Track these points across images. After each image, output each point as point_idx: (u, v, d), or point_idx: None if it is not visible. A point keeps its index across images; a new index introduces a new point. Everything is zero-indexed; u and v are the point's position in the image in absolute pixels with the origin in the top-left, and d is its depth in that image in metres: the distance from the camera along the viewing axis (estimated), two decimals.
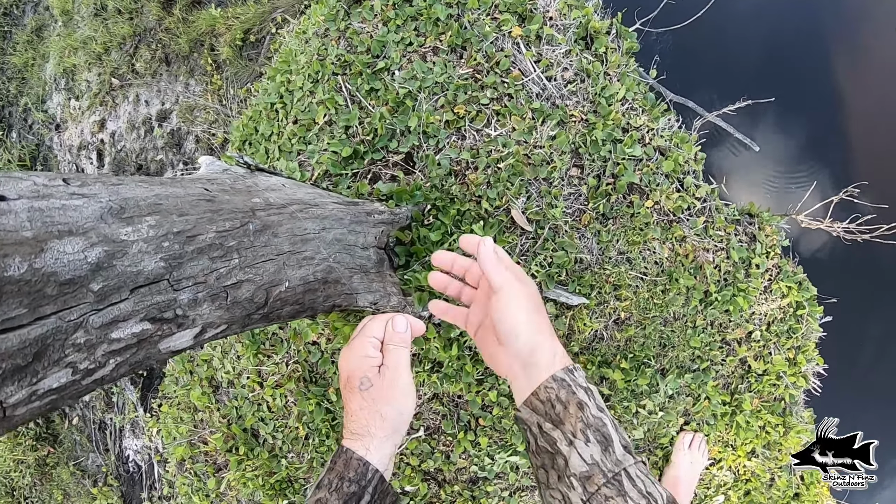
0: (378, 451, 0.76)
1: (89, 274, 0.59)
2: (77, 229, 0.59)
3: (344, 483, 0.74)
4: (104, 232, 0.61)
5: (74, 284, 0.58)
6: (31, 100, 2.71)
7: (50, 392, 0.60)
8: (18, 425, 0.59)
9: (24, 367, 0.55)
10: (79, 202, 0.61)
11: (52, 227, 0.56)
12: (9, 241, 0.52)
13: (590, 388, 0.71)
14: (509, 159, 1.47)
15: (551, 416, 0.68)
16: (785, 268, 1.67)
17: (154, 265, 0.65)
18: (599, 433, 0.66)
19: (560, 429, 0.67)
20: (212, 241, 0.74)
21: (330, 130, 1.57)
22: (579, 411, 0.67)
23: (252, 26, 2.22)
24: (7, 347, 0.52)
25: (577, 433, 0.66)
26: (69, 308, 0.58)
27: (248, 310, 0.84)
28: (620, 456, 0.65)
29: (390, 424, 0.78)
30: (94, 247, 0.59)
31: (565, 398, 0.68)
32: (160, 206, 0.69)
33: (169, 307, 0.69)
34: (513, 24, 1.55)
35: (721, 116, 1.70)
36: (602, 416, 0.68)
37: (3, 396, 0.54)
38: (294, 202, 1.01)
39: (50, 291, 0.55)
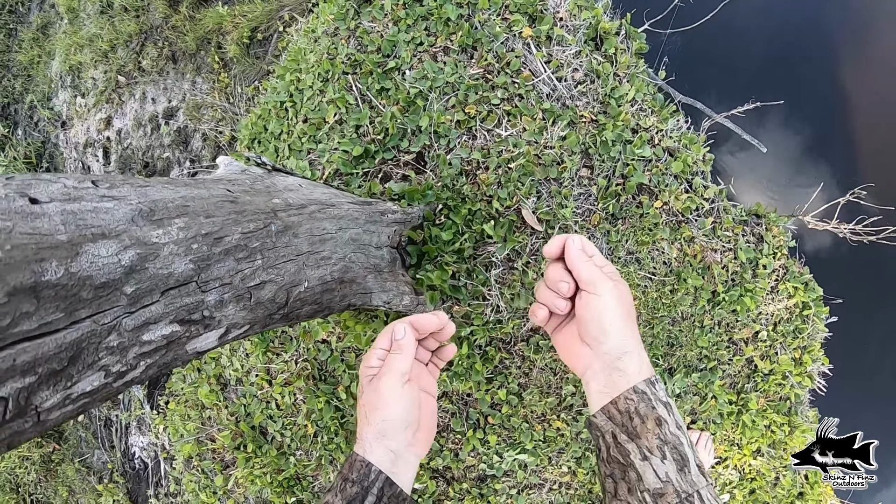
0: (373, 454, 0.75)
1: (123, 277, 0.59)
2: (110, 232, 0.59)
3: (347, 484, 0.74)
4: (136, 234, 0.61)
5: (109, 288, 0.58)
6: (37, 97, 2.70)
7: (83, 395, 0.60)
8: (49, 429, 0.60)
9: (60, 372, 0.55)
10: (109, 205, 0.62)
11: (86, 231, 0.57)
12: (45, 245, 0.52)
13: (669, 404, 0.69)
14: (520, 159, 1.47)
15: (628, 429, 0.67)
16: (791, 268, 1.68)
17: (184, 267, 0.66)
18: (676, 451, 0.65)
19: (636, 442, 0.66)
20: (237, 242, 0.75)
21: (340, 129, 1.57)
22: (657, 427, 0.66)
23: (259, 24, 2.22)
24: (44, 352, 0.52)
25: (654, 449, 0.65)
26: (103, 311, 0.58)
27: (270, 310, 0.85)
28: (695, 477, 0.63)
29: (375, 428, 0.76)
30: (127, 250, 0.60)
31: (644, 412, 0.67)
32: (188, 207, 0.70)
33: (197, 309, 0.69)
34: (523, 24, 1.55)
35: (729, 118, 1.70)
36: (680, 435, 0.66)
37: (39, 401, 0.54)
38: (312, 202, 1.02)
39: (85, 295, 0.56)
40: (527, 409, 1.59)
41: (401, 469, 0.77)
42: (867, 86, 1.81)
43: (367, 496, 0.73)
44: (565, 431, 1.61)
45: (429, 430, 0.83)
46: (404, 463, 0.78)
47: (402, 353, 0.79)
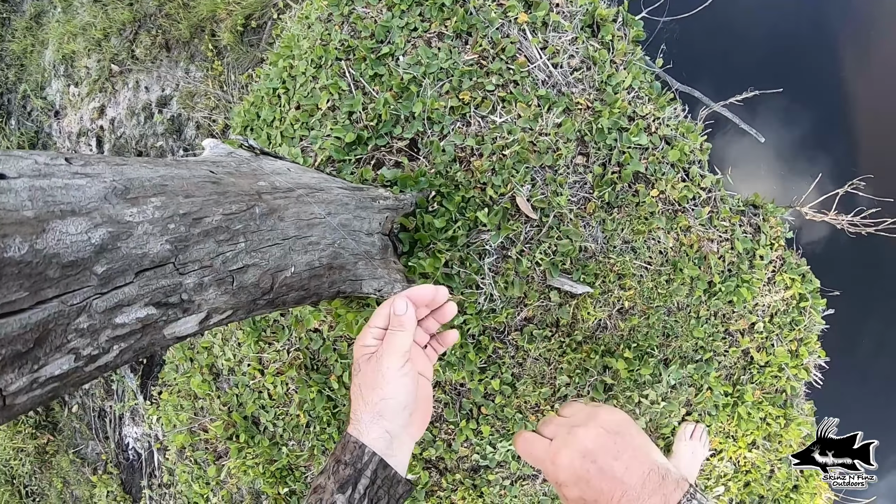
0: (367, 435, 0.73)
1: (93, 256, 0.57)
2: (80, 209, 0.57)
3: (340, 466, 0.72)
4: (108, 212, 0.60)
5: (77, 267, 0.56)
6: (30, 86, 2.68)
7: (52, 379, 0.58)
8: (19, 414, 0.58)
9: (25, 354, 0.53)
10: (82, 181, 0.60)
11: (55, 207, 0.55)
12: (8, 221, 0.50)
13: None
14: (514, 146, 1.45)
15: None
16: (789, 260, 1.66)
17: (160, 248, 0.64)
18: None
19: None
20: (218, 223, 0.73)
21: (333, 116, 1.55)
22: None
23: (253, 11, 2.20)
24: (7, 333, 0.50)
25: None
26: (72, 291, 0.56)
27: (254, 295, 0.83)
28: None
29: (373, 409, 0.74)
30: (97, 228, 0.58)
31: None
32: (166, 187, 0.68)
33: (174, 291, 0.67)
34: (519, 10, 1.53)
35: (727, 107, 1.68)
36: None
37: (3, 384, 0.52)
38: (300, 186, 1.00)
39: (52, 274, 0.54)
40: (520, 399, 1.58)
41: (396, 451, 0.75)
42: (867, 76, 1.79)
43: (360, 478, 0.71)
44: None
45: (424, 414, 0.81)
46: (400, 444, 0.76)
47: (403, 330, 0.76)
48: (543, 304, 1.51)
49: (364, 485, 0.71)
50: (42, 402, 0.61)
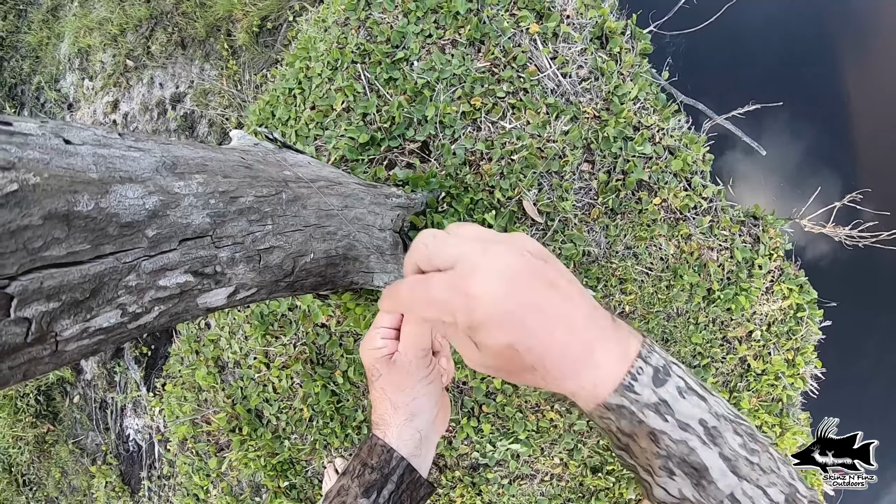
0: (397, 438, 0.71)
1: (146, 220, 0.62)
2: (136, 177, 0.62)
3: (366, 470, 0.71)
4: (160, 183, 0.64)
5: (132, 228, 0.60)
6: (45, 79, 2.72)
7: (100, 331, 0.62)
8: (66, 363, 0.62)
9: (81, 302, 0.57)
10: (136, 154, 0.64)
11: (115, 173, 0.59)
12: (78, 180, 0.54)
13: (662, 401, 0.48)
14: (523, 152, 1.50)
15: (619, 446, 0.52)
16: (787, 270, 1.71)
17: (201, 220, 0.68)
18: (686, 464, 0.48)
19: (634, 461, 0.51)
20: (251, 204, 0.77)
21: (347, 117, 1.60)
22: (653, 444, 0.48)
23: (269, 13, 2.25)
24: (69, 280, 0.55)
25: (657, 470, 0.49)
26: (126, 251, 0.60)
27: (277, 276, 0.87)
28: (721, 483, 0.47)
29: (404, 411, 0.71)
30: (151, 195, 0.62)
31: (630, 430, 0.49)
32: (207, 166, 0.72)
33: (210, 263, 0.71)
34: (531, 20, 1.58)
35: (730, 119, 1.73)
36: (687, 438, 0.48)
37: (59, 329, 0.56)
38: (320, 178, 1.04)
39: (111, 231, 0.58)
40: (521, 398, 1.61)
41: (424, 450, 0.73)
42: (867, 91, 1.84)
43: (386, 483, 0.70)
44: (558, 423, 1.63)
45: (446, 408, 0.79)
46: (427, 444, 0.74)
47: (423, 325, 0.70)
48: None
49: (389, 490, 0.70)
50: (87, 354, 0.65)
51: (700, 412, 0.49)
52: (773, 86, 1.79)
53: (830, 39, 1.87)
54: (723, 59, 1.87)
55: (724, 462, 0.47)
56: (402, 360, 0.71)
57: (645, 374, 0.48)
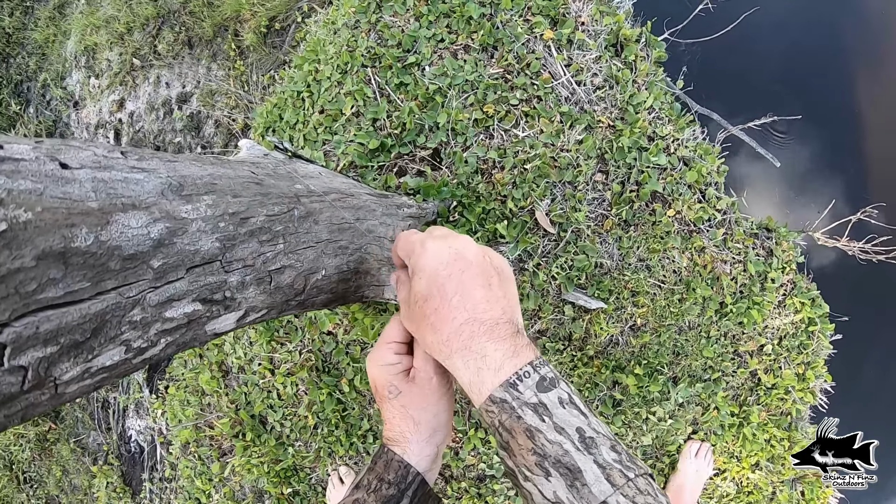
0: (417, 455, 0.71)
1: (151, 250, 0.59)
2: (140, 203, 0.59)
3: (383, 485, 0.71)
4: (166, 208, 0.61)
5: (136, 260, 0.57)
6: (51, 76, 2.70)
7: (102, 370, 0.59)
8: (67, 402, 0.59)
9: (82, 343, 0.54)
10: (140, 176, 0.61)
11: (117, 200, 0.56)
12: (76, 211, 0.51)
13: (542, 403, 0.54)
14: (536, 161, 1.47)
15: (501, 444, 0.57)
16: (799, 283, 1.68)
17: (210, 245, 0.66)
18: (560, 464, 0.51)
19: (513, 460, 0.55)
20: (261, 224, 0.74)
21: (357, 122, 1.57)
22: (530, 441, 0.53)
23: (278, 14, 2.22)
24: (67, 322, 0.52)
25: (532, 467, 0.53)
26: (129, 284, 0.57)
27: (288, 296, 0.85)
28: (595, 488, 0.50)
29: (426, 428, 0.71)
30: (156, 222, 0.59)
31: (510, 425, 0.54)
32: (216, 185, 0.69)
33: (219, 289, 0.69)
34: (545, 26, 1.55)
35: (745, 130, 1.71)
36: (562, 441, 0.52)
37: (58, 373, 0.53)
38: (332, 191, 1.02)
39: (113, 266, 0.55)
40: None
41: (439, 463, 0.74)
42: (882, 104, 1.81)
43: (402, 498, 0.70)
44: None
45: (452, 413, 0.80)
46: (441, 456, 0.75)
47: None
48: (557, 317, 1.53)
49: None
50: (89, 392, 0.63)
51: (578, 422, 0.54)
52: (788, 96, 1.76)
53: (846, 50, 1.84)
54: (738, 69, 1.83)
55: (598, 468, 0.51)
56: (424, 378, 0.70)
57: (530, 379, 0.55)
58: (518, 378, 0.55)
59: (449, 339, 0.59)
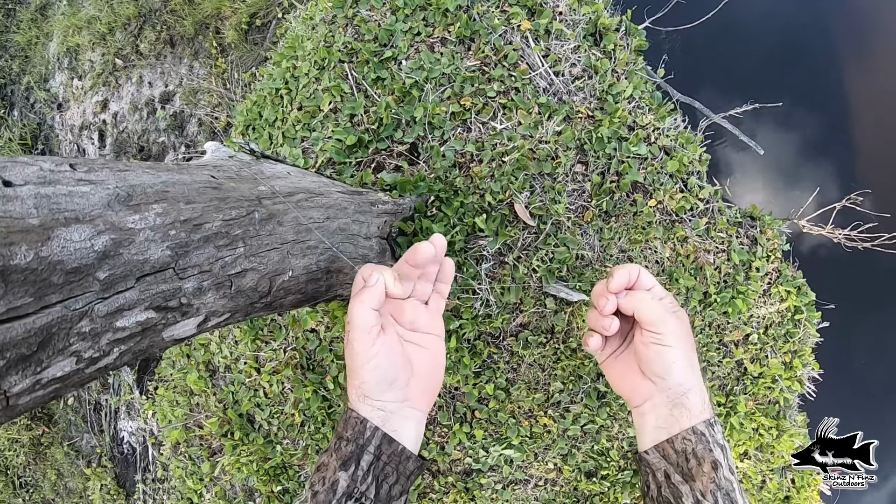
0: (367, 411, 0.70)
1: (96, 262, 0.58)
2: (84, 217, 0.58)
3: (341, 443, 0.69)
4: (111, 220, 0.60)
5: (81, 273, 0.57)
6: (34, 78, 2.68)
7: (54, 381, 0.59)
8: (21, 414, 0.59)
9: (29, 357, 0.54)
10: (86, 188, 0.61)
11: (59, 215, 0.56)
12: (15, 229, 0.51)
13: (725, 447, 0.68)
14: (514, 153, 1.46)
15: (683, 470, 0.66)
16: (785, 272, 1.67)
17: (160, 253, 0.65)
18: (728, 498, 0.64)
19: (689, 484, 0.65)
20: (218, 229, 0.74)
21: (335, 118, 1.56)
22: (713, 471, 0.65)
23: (258, 10, 2.20)
24: (12, 337, 0.51)
25: (707, 494, 0.64)
26: (75, 297, 0.57)
27: (252, 299, 0.84)
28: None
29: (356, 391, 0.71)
30: (100, 235, 0.59)
31: (701, 454, 0.66)
32: (167, 193, 0.69)
33: (174, 296, 0.68)
34: (522, 17, 1.54)
35: (727, 118, 1.69)
36: (732, 480, 0.66)
37: (7, 386, 0.53)
38: (300, 191, 1.01)
39: (56, 280, 0.55)
40: (514, 404, 1.59)
41: (398, 426, 0.71)
42: (868, 90, 1.80)
43: (363, 454, 0.68)
44: (552, 428, 1.60)
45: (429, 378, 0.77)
46: (401, 419, 0.72)
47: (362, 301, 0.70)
48: (539, 310, 1.52)
49: (367, 461, 0.68)
50: (43, 402, 0.62)
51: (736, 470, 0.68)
52: (772, 83, 1.74)
53: (830, 36, 1.82)
54: (720, 56, 1.82)
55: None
56: (347, 343, 0.71)
57: (719, 426, 0.71)
58: (714, 421, 0.70)
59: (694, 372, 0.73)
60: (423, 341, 0.78)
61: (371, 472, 0.68)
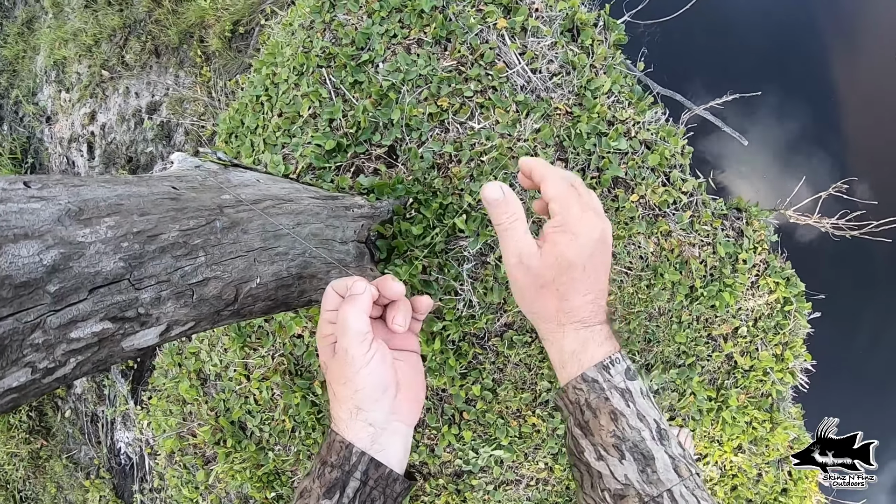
0: (350, 432, 0.66)
1: (45, 276, 0.59)
2: (33, 232, 0.59)
3: (326, 469, 0.66)
4: (61, 234, 0.61)
5: (30, 287, 0.57)
6: (22, 92, 2.70)
7: (9, 391, 0.60)
8: None
9: None
10: (37, 205, 0.61)
11: (8, 232, 0.56)
12: None
13: (628, 390, 0.59)
14: (493, 152, 1.46)
15: (580, 422, 0.59)
16: (773, 263, 1.66)
17: (113, 265, 0.65)
18: (637, 450, 0.56)
19: (589, 439, 0.59)
20: (175, 239, 0.73)
21: (314, 123, 1.56)
22: (612, 423, 0.57)
23: (241, 18, 2.21)
24: None
25: (609, 448, 0.57)
26: (25, 310, 0.58)
27: (217, 307, 0.84)
28: (663, 475, 0.55)
29: (349, 404, 0.66)
30: (49, 249, 0.59)
31: (596, 404, 0.58)
32: (121, 206, 0.69)
33: (130, 306, 0.68)
34: (498, 15, 1.53)
35: (709, 110, 1.68)
36: (641, 428, 0.57)
37: None
38: (268, 198, 1.01)
39: (5, 294, 0.55)
40: (502, 404, 1.58)
41: (386, 443, 0.68)
42: (854, 78, 1.78)
43: (348, 481, 0.65)
44: (541, 427, 1.60)
45: (415, 393, 0.73)
46: (390, 435, 0.68)
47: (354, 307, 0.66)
48: None
49: (354, 488, 0.65)
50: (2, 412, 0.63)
51: (654, 414, 0.59)
52: (755, 73, 1.73)
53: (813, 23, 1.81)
54: (701, 47, 1.81)
55: (668, 459, 0.56)
56: (339, 350, 0.67)
57: (620, 365, 0.60)
58: (611, 362, 0.60)
59: (572, 310, 0.61)
60: (401, 356, 0.75)
61: (357, 499, 0.65)
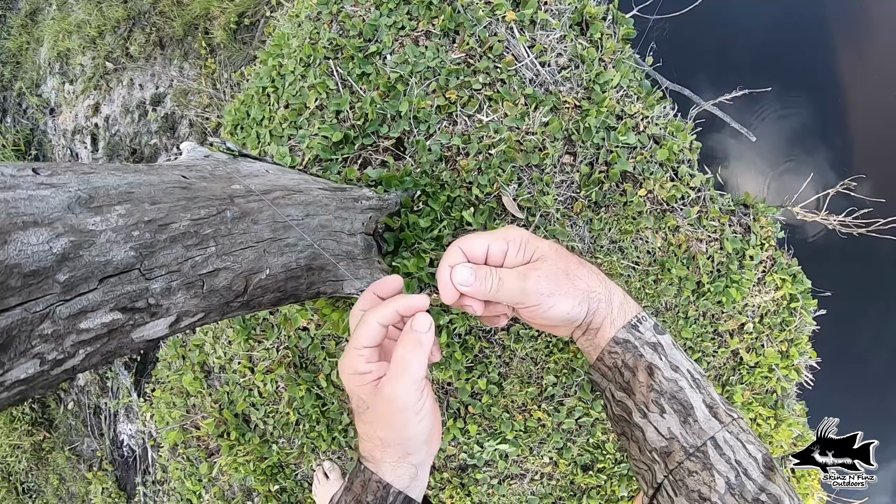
0: (391, 475, 0.64)
1: (55, 265, 0.58)
2: (43, 220, 0.58)
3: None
4: (71, 222, 0.60)
5: (39, 276, 0.57)
6: (26, 84, 2.69)
7: (18, 383, 0.59)
8: None
9: None
10: (46, 192, 0.60)
11: (17, 219, 0.55)
12: None
13: (659, 343, 0.60)
14: (501, 145, 1.45)
15: (621, 384, 0.61)
16: (779, 260, 1.65)
17: (124, 255, 0.64)
18: (676, 401, 0.57)
19: (632, 398, 0.60)
20: (185, 229, 0.73)
21: (321, 115, 1.55)
22: (649, 378, 0.58)
23: (246, 9, 2.19)
24: None
25: (650, 404, 0.58)
26: (35, 299, 0.57)
27: (227, 298, 0.83)
28: (704, 424, 0.56)
29: (397, 450, 0.63)
30: (59, 237, 0.58)
31: (632, 363, 0.60)
32: (132, 194, 0.68)
33: (141, 296, 0.68)
34: (507, 8, 1.52)
35: (717, 105, 1.67)
36: (678, 378, 0.58)
37: None
38: (277, 188, 1.00)
39: (14, 283, 0.54)
40: (507, 398, 1.58)
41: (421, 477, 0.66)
42: (862, 75, 1.77)
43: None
44: (546, 422, 1.59)
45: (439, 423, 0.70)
46: (423, 470, 0.67)
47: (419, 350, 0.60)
48: None
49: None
50: (10, 404, 0.62)
51: (687, 364, 0.60)
52: (763, 69, 1.72)
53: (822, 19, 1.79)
54: (710, 43, 1.79)
55: (706, 407, 0.57)
56: (393, 395, 0.60)
57: (649, 321, 0.62)
58: (638, 321, 0.61)
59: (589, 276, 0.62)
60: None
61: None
